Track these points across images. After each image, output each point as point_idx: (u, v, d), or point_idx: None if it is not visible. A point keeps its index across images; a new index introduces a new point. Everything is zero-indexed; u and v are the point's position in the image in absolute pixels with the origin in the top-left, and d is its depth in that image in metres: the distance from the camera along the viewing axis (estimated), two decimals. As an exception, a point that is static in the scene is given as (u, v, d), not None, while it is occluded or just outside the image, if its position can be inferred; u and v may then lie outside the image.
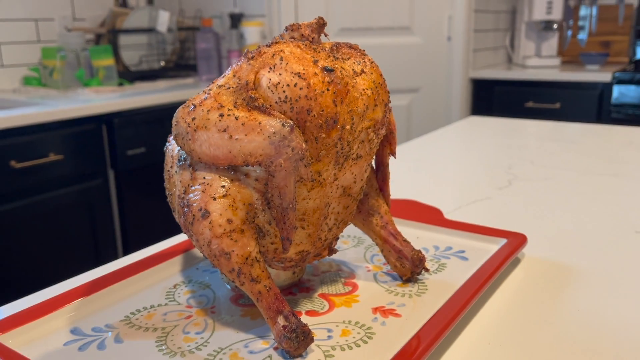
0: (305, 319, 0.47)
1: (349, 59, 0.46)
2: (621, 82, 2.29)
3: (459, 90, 2.54)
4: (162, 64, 2.44)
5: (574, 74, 2.40)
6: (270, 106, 0.41)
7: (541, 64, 2.68)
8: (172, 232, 0.78)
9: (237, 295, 0.52)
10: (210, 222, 0.41)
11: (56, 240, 1.75)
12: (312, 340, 0.42)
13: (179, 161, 0.45)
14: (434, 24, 2.47)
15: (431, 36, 2.48)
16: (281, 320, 0.42)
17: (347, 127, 0.44)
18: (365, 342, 0.44)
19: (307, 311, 0.49)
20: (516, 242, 0.59)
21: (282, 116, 0.41)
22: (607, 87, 2.34)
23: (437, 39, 2.49)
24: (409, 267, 0.53)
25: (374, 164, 0.55)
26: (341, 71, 0.44)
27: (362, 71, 0.46)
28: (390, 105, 0.49)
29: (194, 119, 0.42)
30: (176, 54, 2.52)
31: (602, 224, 0.70)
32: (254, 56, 0.43)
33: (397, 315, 0.47)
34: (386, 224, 0.54)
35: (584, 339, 0.45)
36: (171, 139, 0.49)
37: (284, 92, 0.41)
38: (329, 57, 0.44)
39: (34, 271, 1.71)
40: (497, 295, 0.52)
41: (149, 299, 0.52)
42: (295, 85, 0.41)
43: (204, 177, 0.43)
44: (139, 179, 1.97)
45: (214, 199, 0.42)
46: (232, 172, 0.43)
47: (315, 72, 0.42)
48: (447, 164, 1.01)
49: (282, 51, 0.43)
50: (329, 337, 0.45)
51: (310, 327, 0.42)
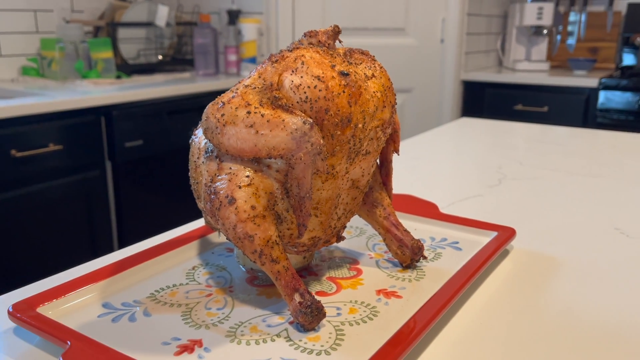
0: (315, 299, 0.52)
1: (361, 63, 0.51)
2: (607, 88, 2.36)
3: (451, 91, 2.60)
4: (160, 57, 2.47)
5: (562, 78, 2.47)
6: (292, 105, 0.46)
7: (531, 68, 2.74)
8: (168, 222, 0.83)
9: (251, 277, 0.57)
10: (236, 208, 0.46)
11: (53, 228, 1.78)
12: (324, 315, 0.47)
13: (206, 153, 0.50)
14: (428, 26, 2.53)
15: (425, 38, 2.54)
16: (297, 297, 0.47)
17: (360, 125, 0.49)
18: (370, 319, 0.49)
19: (317, 292, 0.54)
20: (506, 235, 0.64)
21: (303, 115, 0.46)
22: (593, 93, 2.41)
23: (431, 41, 2.55)
24: (409, 255, 0.58)
25: (378, 160, 0.59)
26: (355, 75, 0.48)
27: (373, 75, 0.51)
28: (396, 106, 0.54)
29: (223, 115, 0.46)
30: (173, 48, 2.55)
31: (585, 221, 0.75)
32: (278, 60, 0.48)
33: (399, 296, 0.52)
34: (389, 215, 0.59)
35: (567, 324, 0.50)
36: (197, 132, 0.53)
37: (305, 93, 0.46)
38: (344, 62, 0.49)
39: (31, 258, 1.75)
40: (488, 282, 0.58)
41: (171, 278, 0.56)
42: (315, 87, 0.46)
43: (230, 168, 0.47)
44: (136, 170, 2.01)
45: (239, 187, 0.47)
46: (256, 164, 0.48)
47: (332, 76, 0.47)
48: (441, 163, 1.06)
49: (303, 56, 0.47)
50: (338, 314, 0.49)
51: (322, 304, 0.47)
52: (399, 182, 0.91)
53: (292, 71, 0.47)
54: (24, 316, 0.46)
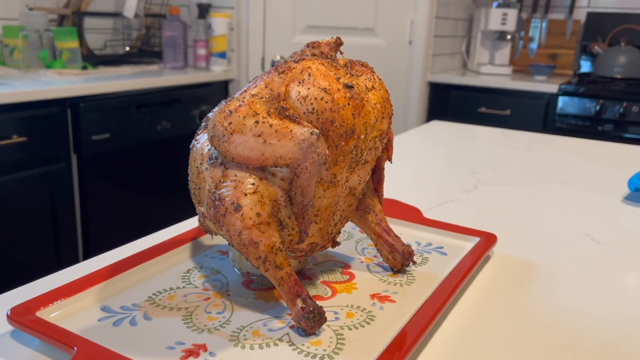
0: (312, 303, 0.54)
1: (362, 75, 0.53)
2: (566, 93, 2.46)
3: (418, 92, 2.65)
4: (127, 49, 2.43)
5: (523, 83, 2.55)
6: (299, 116, 0.47)
7: (494, 71, 2.82)
8: (135, 218, 0.83)
9: (247, 280, 0.58)
10: (242, 215, 0.47)
11: (15, 222, 1.74)
12: (325, 320, 0.48)
13: (210, 159, 0.50)
14: (396, 27, 2.56)
15: (394, 39, 2.57)
16: (300, 302, 0.48)
17: (362, 136, 0.50)
18: (368, 323, 0.50)
19: (313, 296, 0.55)
20: (488, 241, 0.67)
21: (310, 125, 0.47)
22: (553, 98, 2.50)
23: (399, 42, 2.59)
24: (399, 260, 0.60)
25: (371, 167, 0.61)
26: (357, 87, 0.50)
27: (373, 87, 0.53)
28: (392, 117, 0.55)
29: (230, 123, 0.47)
30: (141, 40, 2.50)
31: (558, 227, 0.79)
32: (285, 70, 0.49)
33: (392, 301, 0.55)
34: (380, 221, 0.61)
35: (547, 324, 0.53)
36: (199, 138, 0.54)
37: (312, 104, 0.47)
38: (347, 74, 0.51)
39: (-7, 253, 1.70)
40: (474, 287, 0.60)
41: (167, 281, 0.57)
42: (321, 99, 0.47)
43: (235, 175, 0.48)
44: (102, 164, 1.97)
45: (245, 195, 0.48)
46: (260, 172, 0.49)
47: (338, 88, 0.48)
48: (417, 167, 1.09)
49: (309, 68, 0.49)
50: (336, 318, 0.51)
51: (323, 309, 0.49)
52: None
53: (299, 82, 0.48)
54: (25, 321, 0.46)
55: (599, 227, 0.80)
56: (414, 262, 0.61)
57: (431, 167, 1.08)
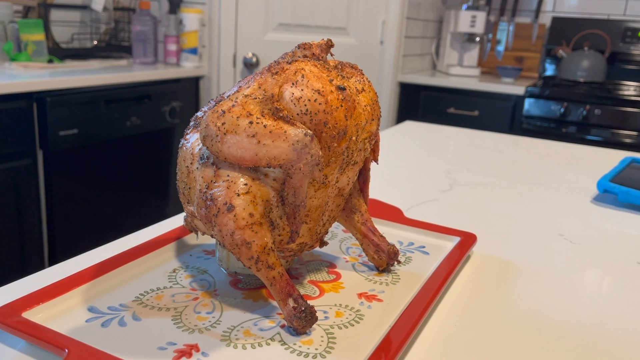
0: (301, 302, 0.54)
1: (352, 77, 0.54)
2: (532, 96, 2.52)
3: (389, 92, 2.68)
4: (95, 43, 2.38)
5: (491, 84, 2.60)
6: (292, 117, 0.48)
7: (463, 73, 2.87)
8: (102, 215, 0.82)
9: (235, 280, 0.58)
10: (234, 215, 0.47)
11: (-20, 220, 1.68)
12: (316, 319, 0.49)
13: (201, 159, 0.50)
14: (368, 27, 2.58)
15: (365, 39, 2.59)
16: (291, 302, 0.48)
17: (353, 138, 0.51)
18: (357, 322, 0.51)
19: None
20: (468, 240, 0.69)
21: (304, 126, 0.47)
22: (520, 100, 2.56)
23: (371, 42, 2.61)
24: (385, 260, 0.61)
25: (357, 168, 0.62)
26: (349, 89, 0.51)
27: (363, 89, 0.53)
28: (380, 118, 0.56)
29: (224, 123, 0.47)
30: (109, 34, 2.46)
31: (532, 227, 0.82)
32: (278, 72, 0.49)
33: (379, 300, 0.55)
34: (366, 221, 0.62)
35: (530, 322, 0.55)
36: (189, 137, 0.53)
37: (305, 106, 0.48)
38: (338, 76, 0.51)
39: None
40: (455, 286, 0.62)
41: (153, 281, 0.56)
42: (315, 100, 0.48)
43: (228, 175, 0.48)
44: (70, 161, 1.93)
45: (238, 195, 0.48)
46: (253, 172, 0.49)
47: (331, 90, 0.49)
48: (393, 167, 1.10)
49: (303, 69, 0.49)
50: (326, 317, 0.52)
51: (313, 309, 0.49)
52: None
53: (293, 84, 0.48)
54: (12, 322, 0.45)
55: (571, 227, 0.83)
56: (399, 262, 0.62)
57: (407, 168, 1.10)
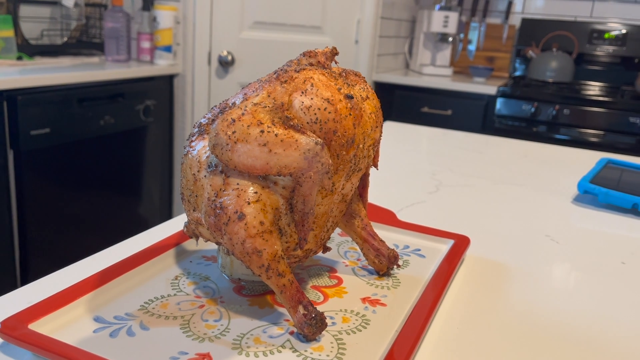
0: (306, 308, 0.54)
1: (356, 85, 0.54)
2: (504, 95, 2.57)
3: (364, 91, 2.69)
4: (65, 39, 2.32)
5: (464, 84, 2.65)
6: (303, 126, 0.48)
7: (436, 72, 2.91)
8: (75, 215, 0.81)
9: (238, 286, 0.58)
10: (245, 224, 0.47)
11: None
12: (326, 325, 0.49)
13: (209, 167, 0.50)
14: (343, 26, 2.59)
15: (340, 38, 2.60)
16: (301, 309, 0.49)
17: (361, 145, 0.52)
18: (364, 327, 0.52)
19: (306, 301, 0.56)
20: (462, 242, 0.70)
21: (314, 135, 0.48)
22: (492, 99, 2.61)
23: (346, 41, 2.62)
24: (385, 264, 0.62)
25: (357, 173, 0.63)
26: (356, 97, 0.51)
27: (367, 97, 0.54)
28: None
29: (234, 132, 0.47)
30: (79, 30, 2.40)
31: (520, 228, 0.84)
32: (287, 80, 0.49)
33: (383, 304, 0.56)
34: (365, 226, 0.63)
35: (525, 322, 0.57)
36: (194, 144, 0.53)
37: (315, 114, 0.48)
38: (344, 83, 0.52)
39: None
40: (452, 288, 0.63)
41: (156, 289, 0.56)
42: (325, 109, 0.48)
43: (237, 183, 0.48)
44: (42, 160, 1.88)
45: (248, 203, 0.48)
46: (262, 180, 0.49)
47: (340, 99, 0.49)
48: (380, 170, 1.11)
49: (312, 78, 0.49)
50: (333, 323, 0.52)
51: (322, 315, 0.50)
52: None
53: (302, 92, 0.48)
54: (19, 334, 0.44)
55: (556, 228, 0.85)
56: (398, 266, 0.63)
57: (392, 169, 1.11)
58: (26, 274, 1.92)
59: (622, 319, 0.59)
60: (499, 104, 2.57)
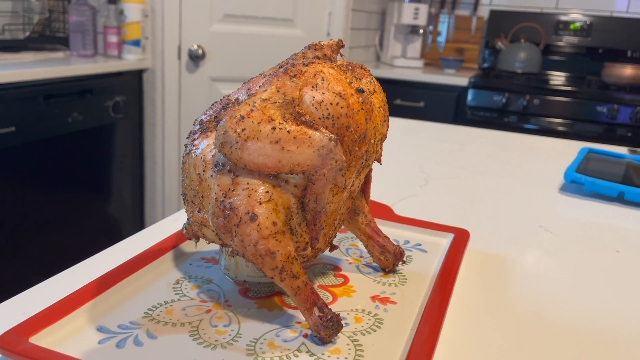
0: (316, 309, 0.53)
1: (363, 78, 0.53)
2: (475, 87, 2.59)
3: (337, 84, 2.68)
4: (27, 34, 2.23)
5: (435, 76, 2.66)
6: (314, 121, 0.46)
7: (407, 64, 2.92)
8: (41, 216, 0.78)
9: (243, 289, 0.56)
10: (258, 225, 0.45)
11: None
12: (342, 327, 0.48)
13: (215, 166, 0.48)
14: (315, 19, 2.57)
15: (312, 30, 2.58)
16: (317, 311, 0.47)
17: (372, 141, 0.50)
18: (378, 327, 0.51)
19: (315, 301, 0.54)
20: (463, 236, 0.70)
21: (327, 131, 0.46)
22: (463, 91, 2.63)
23: (318, 34, 2.60)
24: (391, 261, 0.60)
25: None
26: (366, 91, 0.50)
27: (375, 90, 0.53)
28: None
29: (244, 129, 0.45)
30: (42, 24, 2.31)
31: (513, 219, 0.84)
32: (297, 74, 0.47)
33: (393, 302, 0.55)
34: (369, 222, 0.61)
35: (537, 314, 0.56)
36: (197, 142, 0.51)
37: (327, 109, 0.46)
38: (353, 77, 0.50)
39: None
40: (457, 283, 0.62)
41: (159, 294, 0.53)
42: (337, 104, 0.46)
43: (247, 183, 0.46)
44: (7, 160, 1.81)
45: (260, 203, 0.46)
46: (273, 179, 0.47)
47: (352, 93, 0.47)
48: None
49: (322, 72, 0.47)
50: (346, 324, 0.51)
51: (337, 316, 0.48)
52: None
53: (313, 87, 0.47)
54: (21, 349, 0.41)
55: (548, 218, 0.85)
56: (404, 262, 0.62)
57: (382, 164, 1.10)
58: (-6, 279, 1.84)
59: (628, 309, 0.59)
60: (471, 95, 2.60)
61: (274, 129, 0.45)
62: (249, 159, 0.45)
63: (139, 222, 2.52)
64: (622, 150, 1.35)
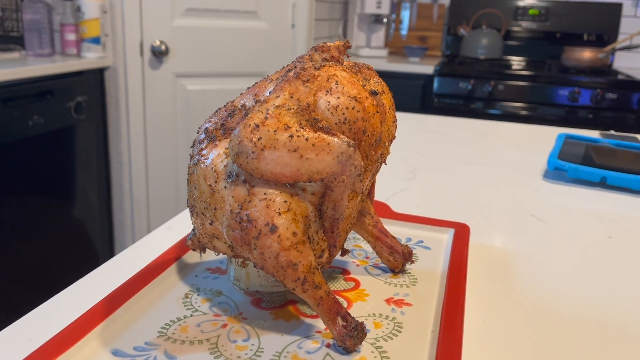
0: (333, 316, 0.52)
1: (371, 79, 0.52)
2: (441, 74, 2.62)
3: (304, 76, 2.66)
4: (-21, 34, 2.13)
5: (401, 65, 2.67)
6: (331, 127, 0.45)
7: (371, 54, 2.92)
8: (6, 224, 0.75)
9: (256, 299, 0.54)
10: (278, 236, 0.44)
11: None
12: (366, 334, 0.47)
13: (229, 177, 0.46)
14: (279, 10, 2.54)
15: (276, 22, 2.55)
16: (340, 320, 0.46)
17: (386, 143, 0.49)
18: (399, 331, 0.50)
19: (330, 308, 0.53)
20: (463, 230, 0.70)
21: (344, 137, 0.45)
22: (429, 79, 2.65)
23: (282, 26, 2.57)
24: (400, 261, 0.60)
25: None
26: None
27: (383, 91, 0.52)
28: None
29: (260, 138, 0.43)
30: (-6, 23, 2.21)
31: (505, 209, 0.85)
32: (309, 79, 0.46)
33: (408, 304, 0.55)
34: (376, 223, 0.61)
35: (544, 306, 0.57)
36: (204, 152, 0.49)
37: (344, 114, 0.45)
38: (364, 79, 0.49)
39: None
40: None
41: (170, 311, 0.51)
42: (353, 108, 0.45)
43: (264, 193, 0.45)
44: (-33, 168, 1.72)
45: (279, 214, 0.44)
46: (290, 187, 0.45)
47: (366, 96, 0.46)
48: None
49: (335, 75, 0.46)
50: (367, 330, 0.50)
51: (359, 324, 0.47)
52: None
53: (327, 91, 0.45)
54: (39, 383, 0.39)
55: (538, 207, 0.87)
56: (412, 262, 0.62)
57: (364, 157, 1.09)
58: (-41, 293, 1.76)
59: (631, 295, 0.60)
60: (437, 83, 2.62)
61: (291, 136, 0.43)
62: (266, 169, 0.44)
63: (107, 225, 2.45)
64: (595, 134, 1.39)
